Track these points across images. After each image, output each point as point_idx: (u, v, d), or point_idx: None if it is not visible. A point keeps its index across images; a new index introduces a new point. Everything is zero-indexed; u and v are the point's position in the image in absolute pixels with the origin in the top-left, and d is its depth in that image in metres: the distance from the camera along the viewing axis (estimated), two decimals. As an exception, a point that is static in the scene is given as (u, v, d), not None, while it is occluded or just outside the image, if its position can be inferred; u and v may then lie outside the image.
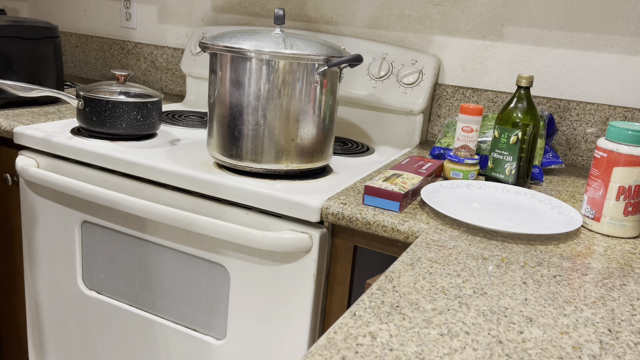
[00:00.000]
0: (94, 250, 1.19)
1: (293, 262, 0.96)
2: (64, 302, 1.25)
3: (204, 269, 1.06)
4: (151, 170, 1.06)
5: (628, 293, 0.68)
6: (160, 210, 1.02)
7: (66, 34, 2.03)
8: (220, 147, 1.03)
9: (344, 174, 1.10)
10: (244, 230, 0.95)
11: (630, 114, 1.27)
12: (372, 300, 0.61)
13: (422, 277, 0.68)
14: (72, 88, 1.75)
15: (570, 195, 1.09)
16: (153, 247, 1.11)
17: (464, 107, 1.10)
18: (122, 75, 1.21)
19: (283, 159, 1.01)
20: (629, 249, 0.84)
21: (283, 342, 1.00)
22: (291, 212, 0.94)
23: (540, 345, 0.55)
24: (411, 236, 0.86)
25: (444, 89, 1.44)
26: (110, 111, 1.16)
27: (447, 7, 1.41)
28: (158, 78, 1.87)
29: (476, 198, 0.99)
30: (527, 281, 0.69)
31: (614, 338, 0.57)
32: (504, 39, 1.37)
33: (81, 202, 1.16)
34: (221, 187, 0.99)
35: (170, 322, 1.12)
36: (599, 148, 0.88)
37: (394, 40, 1.48)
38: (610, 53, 1.28)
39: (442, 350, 0.52)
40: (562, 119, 1.34)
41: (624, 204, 0.86)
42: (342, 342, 0.52)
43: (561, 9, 1.30)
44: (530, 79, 1.05)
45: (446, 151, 1.21)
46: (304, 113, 1.00)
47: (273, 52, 0.96)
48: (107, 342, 1.22)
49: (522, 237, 0.84)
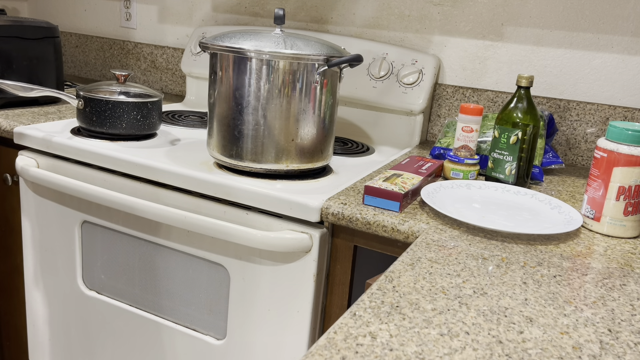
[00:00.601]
0: (94, 250, 1.19)
1: (293, 262, 0.96)
2: (64, 302, 1.25)
3: (204, 269, 1.06)
4: (151, 170, 1.06)
5: (628, 293, 0.68)
6: (160, 210, 1.02)
7: (66, 34, 2.03)
8: (220, 147, 1.03)
9: (344, 174, 1.10)
10: (244, 230, 0.95)
11: (630, 114, 1.27)
12: (372, 300, 0.61)
13: (422, 277, 0.68)
14: (72, 88, 1.75)
15: (570, 195, 1.09)
16: (153, 247, 1.11)
17: (464, 107, 1.10)
18: (122, 75, 1.21)
19: (283, 159, 1.01)
20: (629, 249, 0.84)
21: (283, 342, 1.00)
22: (291, 212, 0.94)
23: (540, 345, 0.55)
24: (411, 236, 0.86)
25: (444, 89, 1.44)
26: (110, 111, 1.16)
27: (447, 7, 1.41)
28: (158, 78, 1.87)
29: (476, 198, 0.99)
30: (527, 281, 0.69)
31: (614, 338, 0.57)
32: (504, 39, 1.37)
33: (81, 202, 1.16)
34: (221, 187, 0.99)
35: (170, 322, 1.12)
36: (599, 148, 0.88)
37: (394, 40, 1.48)
38: (610, 53, 1.28)
39: (442, 350, 0.52)
40: (562, 119, 1.34)
41: (624, 204, 0.86)
42: (342, 342, 0.52)
43: (561, 9, 1.30)
44: (530, 79, 1.05)
45: (446, 151, 1.21)
46: (304, 113, 1.00)
47: (273, 52, 0.96)
48: (107, 342, 1.22)
49: (522, 237, 0.84)
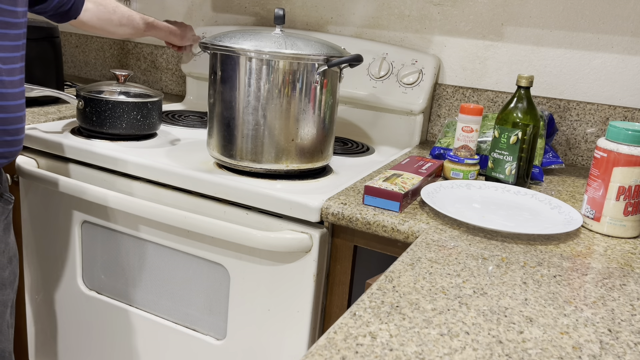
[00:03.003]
0: (94, 250, 1.19)
1: (293, 262, 0.96)
2: (64, 302, 1.25)
3: (204, 269, 1.06)
4: (151, 170, 1.06)
5: (628, 293, 0.68)
6: (160, 210, 1.02)
7: (66, 34, 2.03)
8: (220, 147, 1.03)
9: (344, 174, 1.10)
10: (244, 230, 0.95)
11: (630, 114, 1.27)
12: (372, 300, 0.61)
13: (422, 277, 0.68)
14: (72, 88, 1.75)
15: (570, 195, 1.09)
16: (153, 247, 1.11)
17: (464, 107, 1.10)
18: (122, 75, 1.21)
19: (283, 159, 1.01)
20: (629, 249, 0.84)
21: (283, 342, 1.00)
22: (291, 212, 0.94)
23: (540, 345, 0.55)
24: (411, 236, 0.86)
25: (444, 89, 1.44)
26: (110, 111, 1.16)
27: (447, 7, 1.41)
28: (158, 78, 1.87)
29: (476, 198, 0.99)
30: (527, 281, 0.69)
31: (614, 338, 0.57)
32: (504, 39, 1.37)
33: (81, 202, 1.16)
34: (221, 187, 0.99)
35: (170, 322, 1.12)
36: (599, 148, 0.88)
37: (394, 40, 1.48)
38: (610, 53, 1.28)
39: (442, 350, 0.52)
40: (562, 119, 1.34)
41: (624, 204, 0.86)
42: (342, 342, 0.52)
43: (561, 9, 1.30)
44: (530, 79, 1.05)
45: (446, 151, 1.21)
46: (304, 113, 1.00)
47: (273, 52, 0.96)
48: (107, 342, 1.22)
49: (522, 237, 0.84)
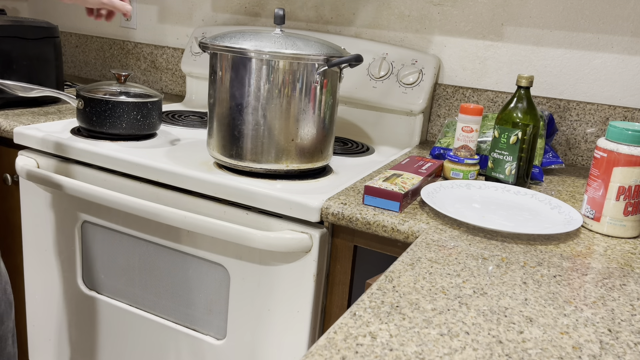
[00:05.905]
0: (94, 250, 1.19)
1: (293, 262, 0.96)
2: (64, 302, 1.25)
3: (204, 269, 1.06)
4: (151, 170, 1.06)
5: (628, 293, 0.68)
6: (160, 210, 1.02)
7: (66, 34, 2.03)
8: (220, 147, 1.03)
9: (344, 174, 1.10)
10: (244, 230, 0.95)
11: (630, 114, 1.27)
12: (372, 300, 0.61)
13: (422, 277, 0.68)
14: (72, 88, 1.75)
15: (570, 195, 1.09)
16: (153, 247, 1.11)
17: (464, 107, 1.10)
18: (122, 75, 1.21)
19: (283, 159, 1.01)
20: (629, 249, 0.84)
21: (283, 342, 1.00)
22: (291, 212, 0.94)
23: (540, 345, 0.55)
24: (411, 236, 0.86)
25: (444, 89, 1.44)
26: (110, 111, 1.16)
27: (447, 7, 1.41)
28: (158, 78, 1.87)
29: (476, 198, 0.99)
30: (527, 281, 0.69)
31: (614, 338, 0.57)
32: (504, 39, 1.37)
33: (81, 202, 1.16)
34: (221, 187, 0.99)
35: (170, 322, 1.12)
36: (599, 148, 0.88)
37: (394, 40, 1.48)
38: (610, 53, 1.28)
39: (442, 350, 0.52)
40: (562, 119, 1.34)
41: (624, 204, 0.86)
42: (342, 342, 0.52)
43: (561, 9, 1.30)
44: (530, 79, 1.05)
45: (446, 151, 1.21)
46: (304, 113, 1.00)
47: (273, 52, 0.96)
48: (107, 342, 1.22)
49: (522, 237, 0.84)
